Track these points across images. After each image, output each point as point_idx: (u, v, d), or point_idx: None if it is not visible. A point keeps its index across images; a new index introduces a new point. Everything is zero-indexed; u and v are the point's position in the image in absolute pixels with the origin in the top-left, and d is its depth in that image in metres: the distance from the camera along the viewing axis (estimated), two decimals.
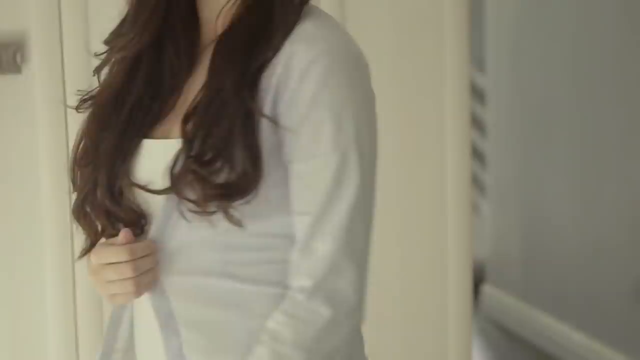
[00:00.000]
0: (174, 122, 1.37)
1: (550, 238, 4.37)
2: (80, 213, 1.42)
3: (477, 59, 4.87)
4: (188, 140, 1.31)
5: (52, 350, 2.38)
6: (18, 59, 2.34)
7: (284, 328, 1.30)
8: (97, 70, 1.45)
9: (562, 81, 4.20)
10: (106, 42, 1.44)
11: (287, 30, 1.32)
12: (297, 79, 1.29)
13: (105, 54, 1.44)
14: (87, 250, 1.43)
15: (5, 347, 2.38)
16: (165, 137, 1.37)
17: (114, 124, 1.39)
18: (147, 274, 1.36)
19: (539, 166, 4.44)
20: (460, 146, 2.53)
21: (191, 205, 1.30)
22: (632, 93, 3.75)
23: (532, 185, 4.52)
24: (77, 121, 1.45)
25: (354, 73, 1.32)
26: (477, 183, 4.93)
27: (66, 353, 2.38)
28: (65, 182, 2.26)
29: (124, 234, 1.36)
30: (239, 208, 1.30)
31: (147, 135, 1.38)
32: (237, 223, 1.30)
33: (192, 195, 1.30)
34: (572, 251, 4.18)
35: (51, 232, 2.36)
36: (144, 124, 1.39)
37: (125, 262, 1.34)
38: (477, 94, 4.90)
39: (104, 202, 1.38)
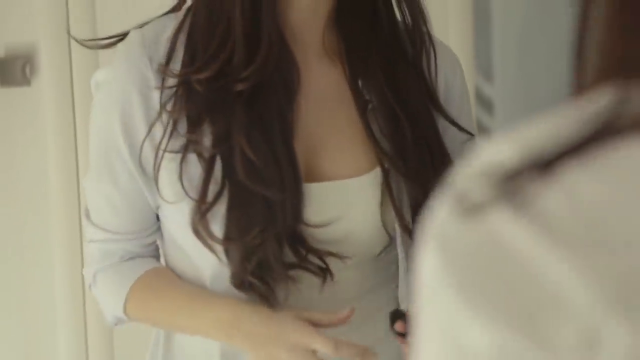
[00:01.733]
0: (337, 158, 1.32)
1: None
2: (243, 283, 1.28)
3: (484, 69, 4.86)
4: (386, 171, 1.31)
5: (62, 352, 2.40)
6: (27, 71, 2.35)
7: None
8: (164, 105, 1.30)
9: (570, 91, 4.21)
10: (182, 74, 1.29)
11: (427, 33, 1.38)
12: (458, 80, 1.44)
13: (180, 82, 1.30)
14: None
15: (16, 350, 2.39)
16: (343, 175, 1.31)
17: (267, 172, 1.26)
18: None
19: None
20: None
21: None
22: None
23: None
24: (85, 134, 1.46)
25: None
26: None
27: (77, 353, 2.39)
28: (74, 194, 2.29)
29: (342, 317, 1.25)
30: None
31: (309, 177, 1.29)
32: None
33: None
34: None
35: (61, 244, 2.36)
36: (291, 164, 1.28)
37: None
38: (485, 103, 4.89)
39: (283, 263, 1.27)
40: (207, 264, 1.31)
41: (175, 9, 1.37)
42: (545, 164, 0.50)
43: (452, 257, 0.51)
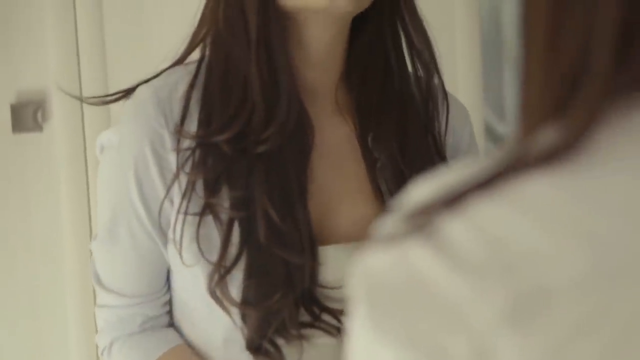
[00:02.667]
0: (348, 217, 1.31)
1: None
2: (260, 348, 1.27)
3: (496, 107, 4.89)
4: None
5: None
6: (39, 117, 2.36)
7: None
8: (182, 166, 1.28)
9: None
10: (200, 136, 1.26)
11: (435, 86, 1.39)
12: (467, 134, 1.45)
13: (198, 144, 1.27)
14: None
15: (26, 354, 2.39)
16: (354, 235, 1.29)
17: (284, 234, 1.25)
18: None
19: None
20: None
21: None
22: None
23: None
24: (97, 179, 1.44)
25: None
26: None
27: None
28: (87, 238, 2.28)
29: None
30: None
31: (321, 238, 1.28)
32: None
33: None
34: None
35: (74, 288, 2.36)
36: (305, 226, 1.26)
37: None
38: (497, 141, 4.93)
39: (298, 323, 1.26)
40: (220, 327, 1.29)
41: (179, 62, 1.35)
42: (454, 199, 0.56)
43: (368, 286, 0.57)
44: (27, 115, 2.36)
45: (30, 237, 2.37)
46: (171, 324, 1.38)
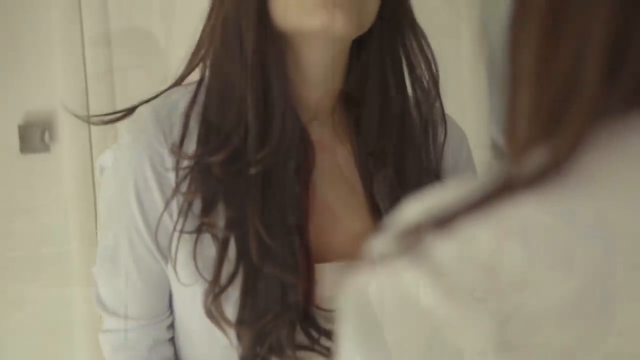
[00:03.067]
0: (346, 236, 1.31)
1: None
2: None
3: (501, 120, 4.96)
4: None
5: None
6: (46, 138, 2.37)
7: None
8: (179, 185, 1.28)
9: None
10: (196, 156, 1.27)
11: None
12: (464, 154, 1.45)
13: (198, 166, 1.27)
14: None
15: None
16: (352, 253, 1.25)
17: (279, 250, 1.25)
18: None
19: None
20: None
21: None
22: None
23: None
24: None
25: None
26: None
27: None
28: (93, 259, 2.29)
29: None
30: None
31: (319, 257, 1.27)
32: None
33: None
34: None
35: (82, 305, 2.36)
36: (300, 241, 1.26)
37: None
38: (502, 154, 5.04)
39: (295, 345, 1.25)
40: (219, 348, 1.28)
41: (178, 82, 1.34)
42: (445, 220, 0.56)
43: (358, 306, 0.57)
44: (35, 136, 2.37)
45: (38, 258, 2.38)
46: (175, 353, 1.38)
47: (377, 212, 1.32)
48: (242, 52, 1.24)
